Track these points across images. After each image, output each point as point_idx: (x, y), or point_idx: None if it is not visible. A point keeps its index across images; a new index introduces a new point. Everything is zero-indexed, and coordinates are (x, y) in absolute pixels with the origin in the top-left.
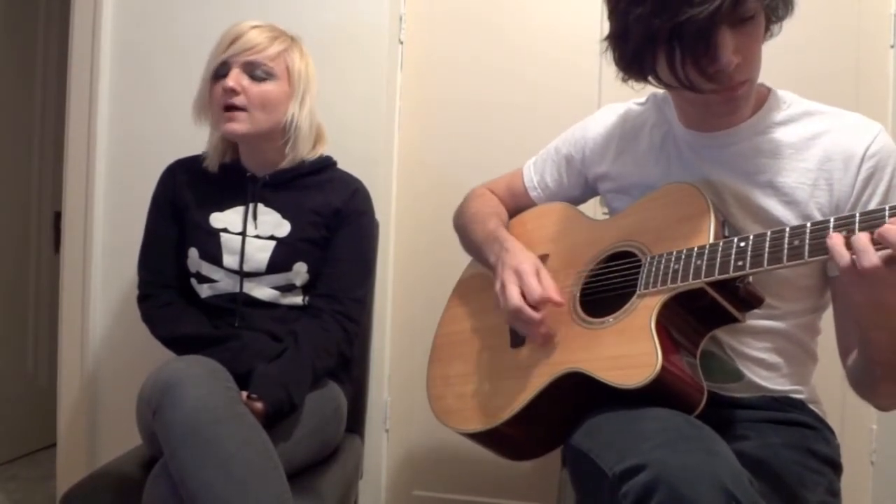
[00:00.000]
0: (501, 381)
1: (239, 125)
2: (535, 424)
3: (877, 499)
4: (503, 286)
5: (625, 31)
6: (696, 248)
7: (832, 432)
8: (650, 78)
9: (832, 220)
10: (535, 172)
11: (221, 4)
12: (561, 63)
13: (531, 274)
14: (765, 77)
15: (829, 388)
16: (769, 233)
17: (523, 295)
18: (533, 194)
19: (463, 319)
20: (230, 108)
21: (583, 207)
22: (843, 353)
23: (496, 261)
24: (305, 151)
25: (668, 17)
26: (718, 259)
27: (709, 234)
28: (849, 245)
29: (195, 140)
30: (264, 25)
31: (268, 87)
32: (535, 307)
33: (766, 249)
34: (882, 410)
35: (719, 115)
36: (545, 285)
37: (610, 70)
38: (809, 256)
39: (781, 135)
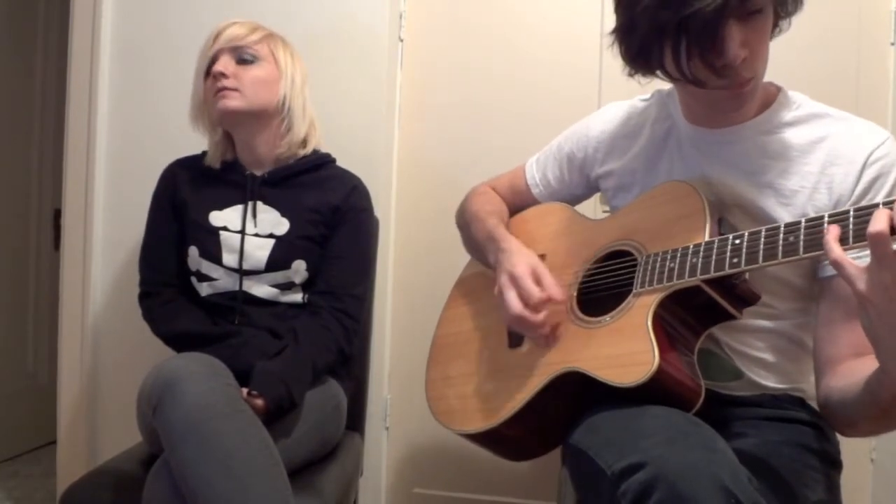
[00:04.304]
0: (500, 381)
1: (233, 101)
2: (534, 424)
3: (876, 497)
4: (500, 293)
5: (631, 24)
6: (691, 246)
7: (832, 430)
8: (657, 72)
9: (826, 215)
10: (538, 170)
11: (220, 4)
12: (561, 62)
13: (527, 277)
14: (765, 75)
15: None
16: (764, 229)
17: (524, 299)
18: (535, 191)
19: (461, 320)
20: (222, 89)
21: (583, 206)
22: (824, 366)
23: (495, 263)
24: (301, 134)
25: (675, 10)
26: (714, 256)
27: (704, 231)
28: (844, 241)
29: (194, 138)
30: (245, 21)
31: (256, 70)
32: (535, 309)
33: (762, 246)
34: (844, 436)
35: (725, 111)
36: (545, 284)
37: (610, 69)
38: (804, 252)
39: (787, 136)
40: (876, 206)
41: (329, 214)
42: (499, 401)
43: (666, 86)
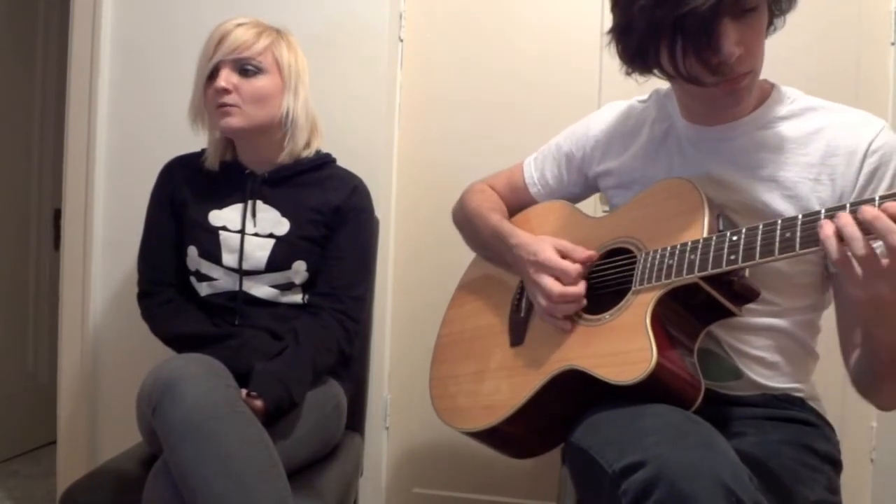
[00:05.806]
0: (501, 379)
1: (234, 119)
2: (535, 422)
3: (876, 497)
4: (534, 284)
5: (628, 24)
6: (689, 243)
7: (832, 429)
8: (654, 71)
9: (823, 211)
10: (536, 169)
11: (221, 4)
12: (561, 61)
13: (554, 257)
14: (765, 73)
15: (829, 385)
16: (761, 225)
17: (561, 278)
18: (533, 190)
19: (464, 319)
20: (223, 105)
21: (583, 205)
22: (846, 353)
23: (512, 261)
24: (303, 142)
25: (671, 9)
26: (711, 253)
27: (703, 228)
28: (841, 236)
29: (193, 137)
30: (248, 22)
31: (259, 83)
32: (575, 282)
33: (758, 243)
34: (883, 410)
35: (722, 108)
36: (572, 254)
37: (610, 68)
38: (801, 248)
39: (784, 129)
40: (871, 200)
41: (330, 215)
42: (500, 399)
43: (665, 85)
